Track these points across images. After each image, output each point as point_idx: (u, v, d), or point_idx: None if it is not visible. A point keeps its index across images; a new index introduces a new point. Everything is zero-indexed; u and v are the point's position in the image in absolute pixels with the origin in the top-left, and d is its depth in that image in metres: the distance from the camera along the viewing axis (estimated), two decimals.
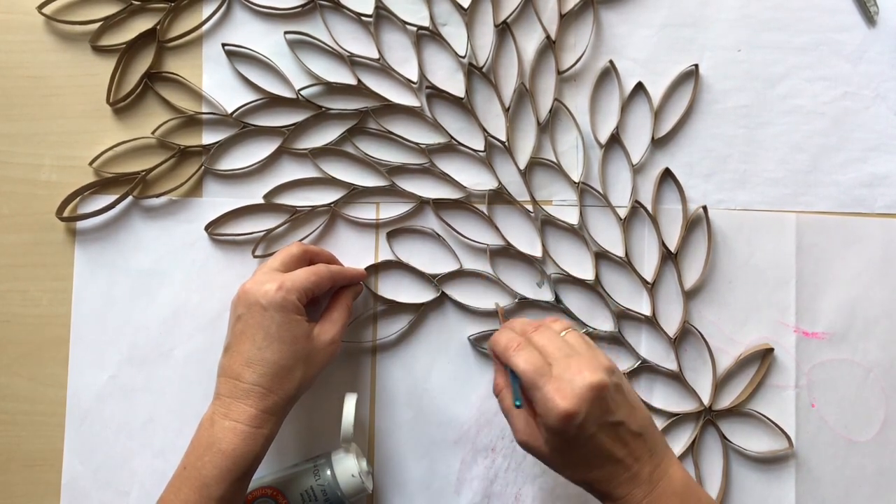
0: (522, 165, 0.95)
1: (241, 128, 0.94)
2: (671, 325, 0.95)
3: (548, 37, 0.94)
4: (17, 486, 0.93)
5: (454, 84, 0.94)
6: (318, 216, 0.95)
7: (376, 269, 0.95)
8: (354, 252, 0.95)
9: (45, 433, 0.93)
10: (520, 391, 0.78)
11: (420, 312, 0.95)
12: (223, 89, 0.94)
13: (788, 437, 0.94)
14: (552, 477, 0.94)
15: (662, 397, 0.95)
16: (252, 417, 0.78)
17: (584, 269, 0.95)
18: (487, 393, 0.95)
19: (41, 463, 0.93)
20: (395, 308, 0.95)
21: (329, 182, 0.94)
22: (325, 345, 0.84)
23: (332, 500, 0.87)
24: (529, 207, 0.95)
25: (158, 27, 0.93)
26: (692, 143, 0.96)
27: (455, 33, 0.94)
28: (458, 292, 0.95)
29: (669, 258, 0.95)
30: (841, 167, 0.96)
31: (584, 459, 0.75)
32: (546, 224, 0.95)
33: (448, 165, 0.95)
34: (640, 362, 0.95)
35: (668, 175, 0.95)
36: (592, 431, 0.73)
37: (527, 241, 0.95)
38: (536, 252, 0.95)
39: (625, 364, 0.95)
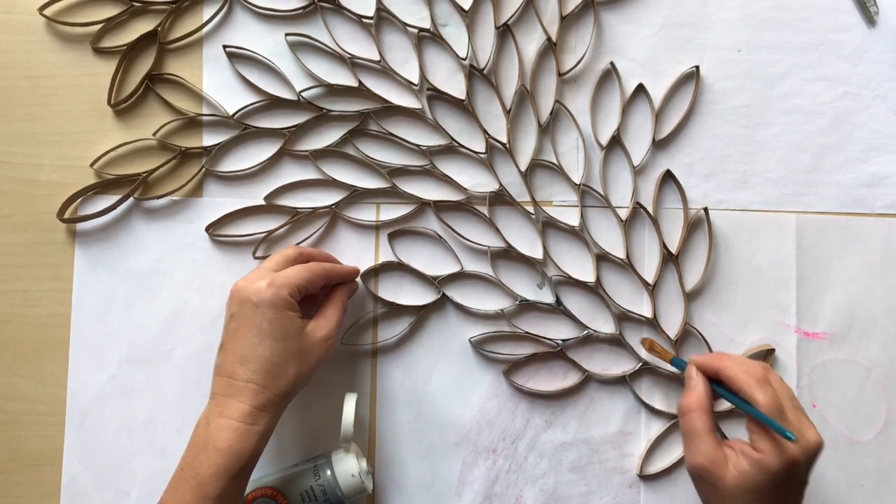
0: (523, 167, 0.95)
1: (242, 129, 0.94)
2: (672, 327, 0.95)
3: (548, 38, 0.94)
4: (17, 486, 0.92)
5: (455, 85, 0.95)
6: (319, 218, 0.94)
7: (376, 271, 0.95)
8: (355, 253, 0.95)
9: (45, 433, 0.93)
10: (774, 425, 0.76)
11: (421, 314, 0.95)
12: (224, 91, 0.94)
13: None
14: (553, 478, 0.94)
15: (664, 399, 0.95)
16: (246, 414, 0.78)
17: (584, 270, 0.95)
18: (488, 394, 0.95)
19: (41, 463, 0.92)
20: (395, 310, 0.95)
21: (330, 184, 0.94)
22: (319, 341, 0.83)
23: (332, 500, 0.87)
24: (530, 209, 0.95)
25: (159, 29, 0.93)
26: (692, 143, 0.96)
27: (456, 35, 0.94)
28: (459, 294, 0.95)
29: (670, 260, 0.95)
30: (841, 167, 0.96)
31: None
32: (547, 226, 0.95)
33: (449, 167, 0.95)
34: (641, 364, 0.95)
35: (668, 176, 0.95)
36: (794, 485, 0.76)
37: (528, 243, 0.95)
38: (537, 254, 0.95)
39: (626, 366, 0.95)
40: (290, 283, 0.82)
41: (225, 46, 0.94)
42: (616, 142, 0.95)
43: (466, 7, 0.94)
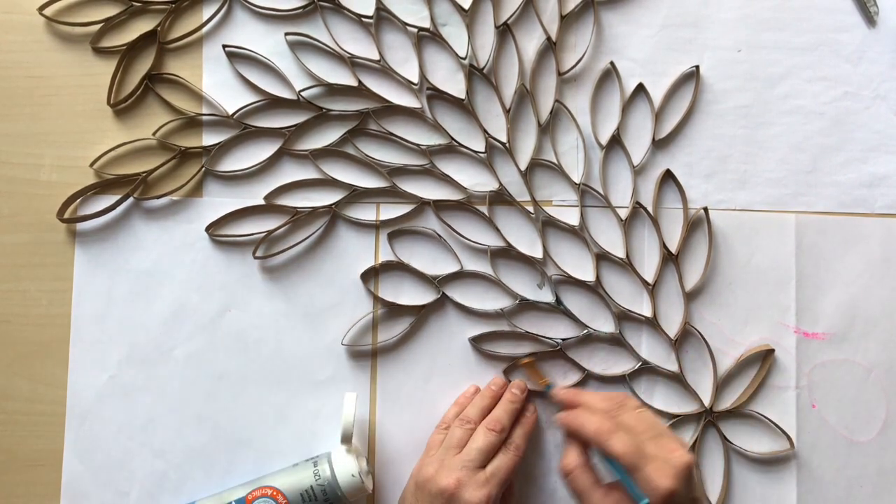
0: (523, 166, 0.95)
1: (242, 129, 0.94)
2: (672, 327, 0.95)
3: (548, 38, 0.94)
4: (17, 486, 0.92)
5: (455, 85, 0.95)
6: (319, 217, 0.94)
7: (376, 271, 0.95)
8: (355, 253, 0.95)
9: (45, 433, 0.93)
10: (627, 477, 0.78)
11: (421, 314, 0.95)
12: (224, 90, 0.94)
13: (789, 438, 0.94)
14: (553, 478, 0.94)
15: (663, 399, 0.95)
16: None
17: (584, 270, 0.95)
18: None
19: (41, 463, 0.92)
20: (395, 310, 0.95)
21: (330, 183, 0.94)
22: None
23: (332, 500, 0.87)
24: (530, 208, 0.95)
25: (159, 28, 0.93)
26: (692, 143, 0.96)
27: (455, 34, 0.94)
28: (459, 293, 0.95)
29: (670, 259, 0.95)
30: (841, 167, 0.96)
31: None
32: (547, 225, 0.95)
33: (448, 166, 0.95)
34: (640, 364, 0.95)
35: (668, 176, 0.95)
36: None
37: (527, 243, 0.95)
38: (537, 253, 0.95)
39: (625, 365, 0.95)
40: (502, 481, 0.83)
41: (224, 46, 0.94)
42: (616, 141, 0.95)
43: (466, 6, 0.94)
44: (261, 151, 0.94)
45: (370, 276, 0.95)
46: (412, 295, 0.95)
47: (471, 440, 0.85)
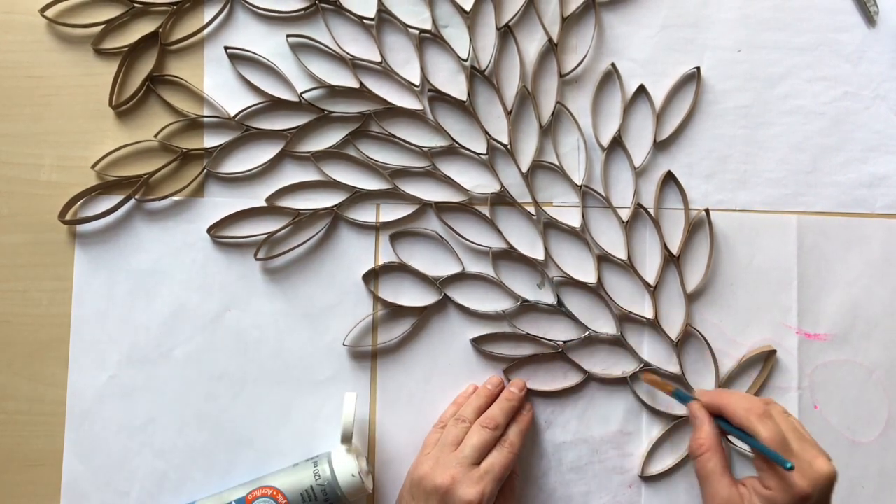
0: (524, 168, 0.95)
1: (244, 131, 0.94)
2: (673, 328, 0.95)
3: (550, 39, 0.94)
4: (17, 486, 0.92)
5: (456, 87, 0.95)
6: (321, 219, 0.94)
7: (377, 272, 0.95)
8: (356, 255, 0.95)
9: (45, 433, 0.92)
10: (773, 455, 0.75)
11: (423, 315, 0.95)
12: (225, 92, 0.94)
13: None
14: (553, 478, 0.94)
15: (665, 400, 0.95)
16: None
17: (586, 271, 0.95)
18: None
19: (41, 463, 0.92)
20: (396, 311, 0.95)
21: (331, 185, 0.94)
22: None
23: (332, 500, 0.87)
24: (531, 210, 0.95)
25: (161, 30, 0.93)
26: (692, 143, 0.96)
27: (457, 36, 0.94)
28: (461, 295, 0.95)
29: (671, 261, 0.95)
30: (841, 167, 0.97)
31: None
32: (548, 226, 0.95)
33: (450, 168, 0.95)
34: (642, 365, 0.95)
35: (670, 177, 0.95)
36: None
37: (529, 244, 0.95)
38: (538, 255, 0.95)
39: (627, 367, 0.95)
40: (497, 478, 0.83)
41: (226, 48, 0.94)
42: (617, 143, 0.95)
43: (468, 8, 0.94)
44: (262, 153, 0.94)
45: (371, 277, 0.94)
46: (413, 296, 0.95)
47: (465, 438, 0.85)
